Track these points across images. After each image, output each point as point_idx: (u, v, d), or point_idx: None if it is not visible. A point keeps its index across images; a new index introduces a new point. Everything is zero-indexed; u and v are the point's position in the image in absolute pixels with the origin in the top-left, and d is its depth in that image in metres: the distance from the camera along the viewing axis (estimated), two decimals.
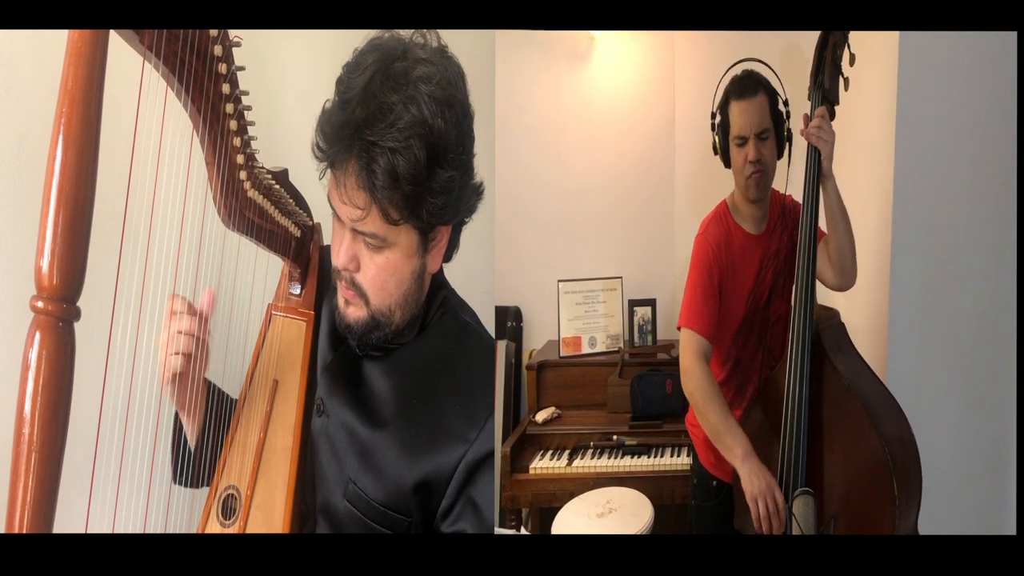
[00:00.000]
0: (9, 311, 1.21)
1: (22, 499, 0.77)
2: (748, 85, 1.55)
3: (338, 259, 1.07)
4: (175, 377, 1.09)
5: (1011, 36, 1.63)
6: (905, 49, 1.64)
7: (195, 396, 1.13)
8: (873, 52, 1.65)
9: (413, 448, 1.08)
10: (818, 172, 1.41)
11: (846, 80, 1.45)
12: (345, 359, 1.17)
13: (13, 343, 1.04)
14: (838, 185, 1.44)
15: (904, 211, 1.67)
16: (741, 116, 1.55)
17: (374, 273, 1.06)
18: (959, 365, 1.72)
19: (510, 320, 2.55)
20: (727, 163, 1.61)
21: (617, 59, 2.63)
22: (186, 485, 1.22)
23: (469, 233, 1.17)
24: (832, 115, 1.46)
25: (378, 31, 1.05)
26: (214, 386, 1.20)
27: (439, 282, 1.18)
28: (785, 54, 2.11)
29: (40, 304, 0.78)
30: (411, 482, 1.07)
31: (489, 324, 1.24)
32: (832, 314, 1.47)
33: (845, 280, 1.54)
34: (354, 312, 1.09)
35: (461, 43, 1.12)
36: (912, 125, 1.66)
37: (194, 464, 1.19)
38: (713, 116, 1.61)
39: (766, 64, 1.59)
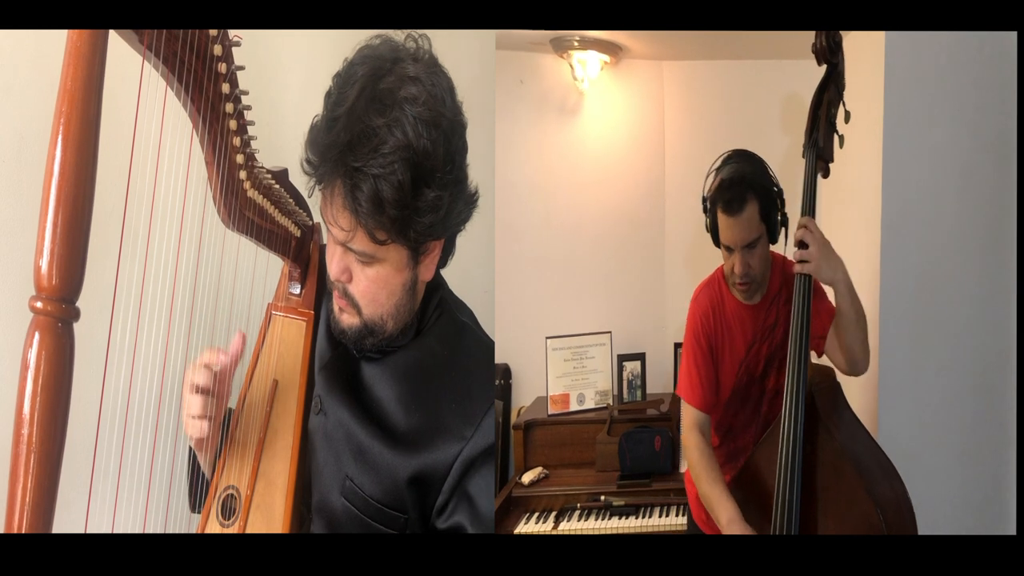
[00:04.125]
0: (9, 311, 1.21)
1: (21, 499, 0.77)
2: (735, 197, 1.43)
3: (331, 270, 1.09)
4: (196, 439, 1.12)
5: (994, 85, 1.62)
6: (891, 93, 1.62)
7: (212, 438, 1.14)
8: (860, 100, 1.58)
9: (410, 445, 1.08)
10: (809, 288, 1.32)
11: (840, 137, 1.41)
12: (343, 359, 1.18)
13: (13, 343, 1.03)
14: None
15: (892, 262, 1.65)
16: (728, 231, 1.45)
17: (365, 285, 1.08)
18: (952, 417, 1.69)
19: (499, 379, 2.46)
20: (717, 244, 1.53)
21: (606, 111, 2.54)
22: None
23: (469, 233, 1.17)
24: (826, 173, 1.41)
25: (368, 38, 1.05)
26: (228, 412, 1.20)
27: (435, 283, 1.18)
28: (786, 104, 2.10)
29: (39, 304, 0.78)
30: (406, 476, 1.08)
31: (489, 324, 1.25)
32: (827, 375, 1.41)
33: (854, 369, 1.47)
34: (348, 319, 1.11)
35: (459, 45, 1.11)
36: (898, 176, 1.63)
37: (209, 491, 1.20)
38: (704, 201, 1.51)
39: (754, 155, 1.50)
